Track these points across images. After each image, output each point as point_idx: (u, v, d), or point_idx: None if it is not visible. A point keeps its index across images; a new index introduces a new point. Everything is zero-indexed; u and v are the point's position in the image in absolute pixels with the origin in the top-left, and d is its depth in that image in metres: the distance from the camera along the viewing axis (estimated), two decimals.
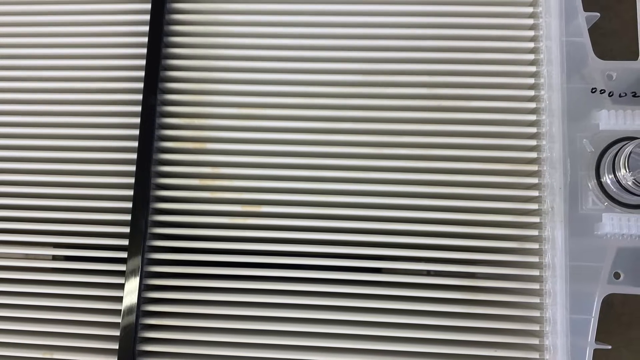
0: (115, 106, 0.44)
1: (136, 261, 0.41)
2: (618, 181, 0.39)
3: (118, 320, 0.40)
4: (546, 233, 0.40)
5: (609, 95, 0.41)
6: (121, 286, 0.41)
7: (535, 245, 0.40)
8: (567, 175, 0.41)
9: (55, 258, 0.44)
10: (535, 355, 0.40)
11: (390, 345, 0.40)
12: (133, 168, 0.42)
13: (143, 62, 0.43)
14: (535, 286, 0.40)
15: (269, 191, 0.43)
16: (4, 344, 0.42)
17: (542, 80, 0.42)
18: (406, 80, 0.43)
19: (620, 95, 0.41)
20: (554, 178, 0.41)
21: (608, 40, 0.54)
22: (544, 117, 0.42)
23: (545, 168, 0.41)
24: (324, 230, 0.42)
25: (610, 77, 0.42)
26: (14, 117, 0.45)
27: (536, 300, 0.40)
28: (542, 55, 0.42)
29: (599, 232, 0.40)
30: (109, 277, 0.42)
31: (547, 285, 0.40)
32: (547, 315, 0.40)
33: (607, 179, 0.40)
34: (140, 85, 0.43)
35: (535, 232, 0.41)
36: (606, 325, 0.50)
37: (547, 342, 0.40)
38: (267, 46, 0.44)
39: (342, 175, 0.42)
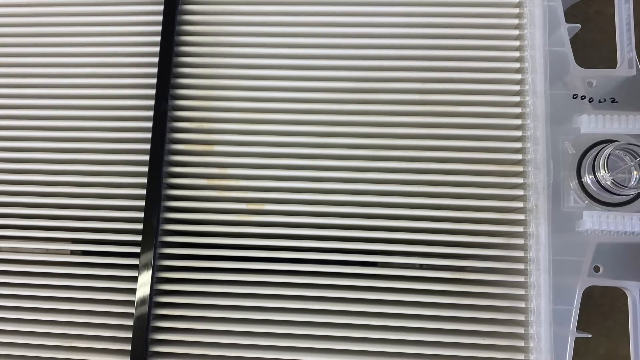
0: (129, 111, 0.45)
1: (149, 255, 0.42)
2: (598, 181, 0.40)
3: (132, 310, 0.42)
4: (531, 229, 0.41)
5: (589, 101, 0.42)
6: (134, 279, 0.42)
7: (520, 241, 0.42)
8: (550, 176, 0.42)
9: (73, 253, 0.46)
10: (521, 343, 0.41)
11: (385, 334, 0.41)
12: (146, 169, 0.43)
13: (155, 69, 0.44)
14: (521, 279, 0.41)
15: (272, 190, 0.44)
16: (26, 332, 0.43)
17: (527, 87, 0.43)
18: (399, 87, 0.44)
19: (599, 101, 0.42)
20: (538, 178, 0.42)
21: (588, 50, 0.55)
22: (528, 121, 0.43)
23: (530, 169, 0.42)
24: (324, 227, 0.43)
25: (590, 84, 0.43)
26: (33, 122, 0.46)
27: (521, 292, 0.41)
28: (527, 64, 0.43)
29: (580, 229, 0.41)
30: (123, 271, 0.43)
31: (531, 278, 0.41)
32: (532, 306, 0.41)
33: (588, 179, 0.41)
34: (153, 91, 0.44)
35: (520, 229, 0.42)
36: (587, 315, 0.51)
37: (531, 331, 0.41)
38: (271, 55, 0.45)
39: (340, 175, 0.43)
